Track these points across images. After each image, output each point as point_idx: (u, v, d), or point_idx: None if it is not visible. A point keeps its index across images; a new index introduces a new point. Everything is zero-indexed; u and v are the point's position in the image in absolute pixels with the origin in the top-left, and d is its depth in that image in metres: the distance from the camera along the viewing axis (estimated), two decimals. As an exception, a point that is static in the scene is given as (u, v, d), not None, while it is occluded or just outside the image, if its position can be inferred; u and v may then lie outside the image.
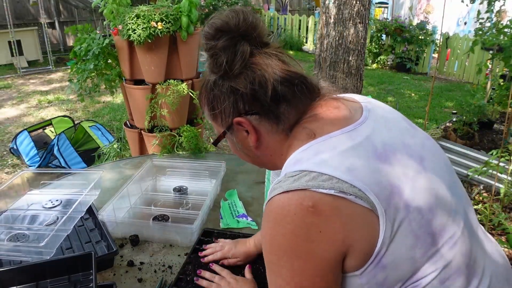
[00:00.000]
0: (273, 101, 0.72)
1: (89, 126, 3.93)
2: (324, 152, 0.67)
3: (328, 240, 0.63)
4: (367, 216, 0.63)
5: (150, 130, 2.42)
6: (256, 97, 0.72)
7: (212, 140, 4.02)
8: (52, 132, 3.98)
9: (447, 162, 0.79)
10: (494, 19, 3.86)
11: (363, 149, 0.68)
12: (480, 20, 3.91)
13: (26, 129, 3.91)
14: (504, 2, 3.80)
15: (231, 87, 0.73)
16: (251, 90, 0.72)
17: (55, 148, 3.50)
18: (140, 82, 2.41)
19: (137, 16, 2.14)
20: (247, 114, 0.75)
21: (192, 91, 2.36)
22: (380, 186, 0.64)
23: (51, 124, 4.04)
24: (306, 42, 10.37)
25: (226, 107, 0.75)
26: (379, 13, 10.99)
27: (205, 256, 1.16)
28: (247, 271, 1.09)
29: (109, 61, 2.43)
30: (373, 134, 0.71)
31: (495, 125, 4.20)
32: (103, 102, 5.66)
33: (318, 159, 0.66)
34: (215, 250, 1.16)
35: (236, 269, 1.12)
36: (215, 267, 1.10)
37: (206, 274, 1.08)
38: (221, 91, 0.75)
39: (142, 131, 2.50)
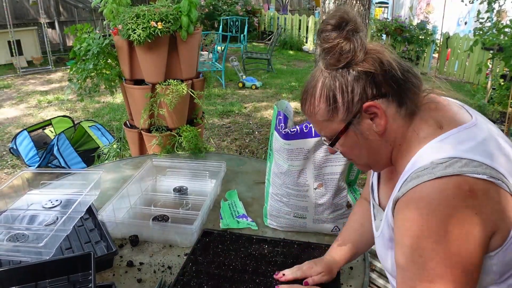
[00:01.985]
0: (401, 81, 0.76)
1: (88, 126, 3.93)
2: (466, 141, 0.71)
3: (484, 221, 0.66)
4: (509, 198, 0.68)
5: (148, 130, 2.41)
6: (387, 77, 0.75)
7: (212, 140, 3.97)
8: (52, 132, 3.98)
9: None
10: (494, 19, 3.86)
11: (493, 142, 0.73)
12: (480, 20, 3.91)
13: (25, 129, 3.90)
14: (504, 2, 3.79)
15: (361, 72, 0.75)
16: (382, 71, 0.75)
17: (55, 148, 3.50)
18: (140, 82, 2.41)
19: (137, 16, 2.14)
20: (376, 98, 0.76)
21: (192, 91, 2.36)
22: None
23: (50, 124, 4.04)
24: (306, 42, 10.37)
25: (354, 94, 0.76)
26: (379, 13, 10.98)
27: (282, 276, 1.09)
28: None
29: (109, 61, 2.43)
30: (491, 132, 0.76)
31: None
32: (103, 102, 5.66)
33: (464, 147, 0.70)
34: (294, 274, 1.08)
35: None
36: (282, 286, 1.04)
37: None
38: (347, 79, 0.76)
39: (142, 131, 2.49)
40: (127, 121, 2.69)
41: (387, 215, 0.80)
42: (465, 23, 9.76)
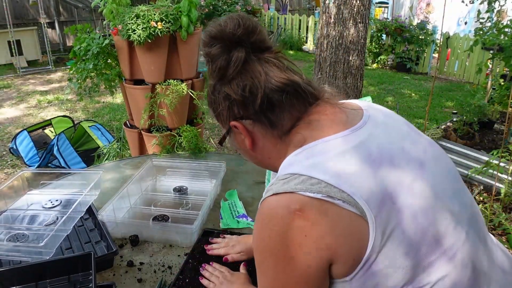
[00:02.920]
0: (263, 107, 0.73)
1: (88, 126, 3.93)
2: (316, 156, 0.68)
3: (313, 245, 0.62)
4: (355, 221, 0.62)
5: (148, 130, 2.41)
6: (246, 103, 0.74)
7: (212, 140, 4.00)
8: (52, 132, 3.97)
9: (451, 169, 0.77)
10: (495, 19, 3.86)
11: (356, 154, 0.67)
12: (481, 20, 3.91)
13: (25, 129, 3.90)
14: (504, 2, 3.79)
15: (225, 93, 0.76)
16: (241, 97, 0.74)
17: (55, 148, 3.50)
18: (140, 82, 2.41)
19: (137, 16, 2.14)
20: (241, 119, 0.77)
21: (192, 91, 2.36)
22: (371, 191, 0.63)
23: (50, 124, 4.04)
24: (306, 42, 10.37)
25: (222, 110, 0.78)
26: (379, 13, 10.98)
27: (211, 249, 1.20)
28: (242, 267, 1.12)
29: (109, 61, 2.43)
30: (370, 139, 0.70)
31: (495, 125, 4.20)
32: (103, 102, 5.66)
33: (309, 162, 0.67)
34: (219, 246, 1.20)
35: (237, 268, 1.12)
36: (215, 264, 1.13)
37: (209, 268, 1.12)
38: (217, 96, 0.78)
39: (142, 131, 2.49)
40: (127, 121, 2.69)
41: None
42: (465, 23, 9.76)
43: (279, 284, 0.67)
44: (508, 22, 3.65)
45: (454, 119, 4.15)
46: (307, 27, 10.23)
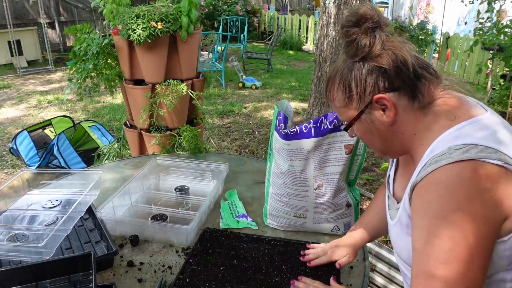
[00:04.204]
0: (413, 78, 0.80)
1: (88, 126, 3.93)
2: (481, 130, 0.75)
3: (498, 204, 0.69)
4: None
5: (147, 130, 2.41)
6: (399, 73, 0.80)
7: (212, 140, 3.97)
8: (52, 132, 3.97)
9: None
10: (494, 19, 3.86)
11: (506, 133, 0.76)
12: (480, 20, 3.91)
13: (25, 129, 3.90)
14: (504, 2, 3.79)
15: (374, 66, 0.81)
16: (394, 67, 0.79)
17: (55, 148, 3.50)
18: (140, 82, 2.41)
19: (137, 16, 2.14)
20: (387, 91, 0.81)
21: (192, 91, 2.36)
22: None
23: (50, 124, 4.04)
24: (306, 42, 10.37)
25: (367, 85, 0.82)
26: (379, 13, 10.96)
27: (310, 260, 1.15)
28: (332, 281, 1.06)
29: (109, 61, 2.43)
30: (503, 122, 0.79)
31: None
32: (103, 102, 5.66)
33: (479, 135, 0.74)
34: (317, 255, 1.15)
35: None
36: (305, 279, 1.06)
37: (300, 285, 1.05)
38: (361, 72, 0.82)
39: (142, 131, 2.49)
40: (127, 121, 2.69)
41: (404, 202, 0.84)
42: (465, 23, 9.76)
43: (467, 243, 0.69)
44: (508, 22, 3.65)
45: (454, 119, 4.13)
46: (307, 27, 10.23)
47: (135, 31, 2.11)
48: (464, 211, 0.69)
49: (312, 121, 1.22)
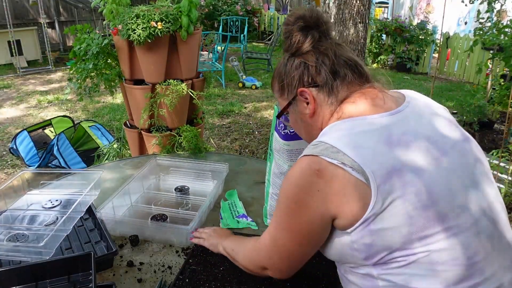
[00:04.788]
0: (331, 75, 0.88)
1: (88, 126, 3.93)
2: (342, 131, 0.82)
3: (323, 199, 0.78)
4: (360, 187, 0.75)
5: (148, 130, 2.41)
6: (320, 70, 0.88)
7: (212, 140, 3.99)
8: (52, 132, 3.97)
9: (480, 170, 0.84)
10: (494, 19, 3.86)
11: (375, 135, 0.79)
12: (480, 20, 3.91)
13: (25, 129, 3.90)
14: (504, 2, 3.79)
15: (301, 61, 0.90)
16: (316, 64, 0.89)
17: (55, 148, 3.50)
18: (140, 82, 2.41)
19: (137, 16, 2.14)
20: (309, 85, 0.90)
21: (192, 91, 2.36)
22: (379, 165, 0.75)
23: (50, 124, 4.04)
24: (306, 42, 10.34)
25: (294, 78, 0.92)
26: (379, 13, 10.98)
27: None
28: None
29: (109, 61, 2.43)
30: (398, 124, 0.82)
31: (495, 125, 4.20)
32: (103, 102, 5.66)
33: (336, 135, 0.81)
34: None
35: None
36: (200, 228, 1.27)
37: (199, 229, 1.26)
38: (291, 65, 0.92)
39: (142, 131, 2.49)
40: (127, 121, 2.69)
41: None
42: (465, 23, 9.76)
43: (287, 224, 0.85)
44: (508, 22, 3.65)
45: (454, 119, 4.13)
46: (307, 27, 10.20)
47: (135, 31, 2.11)
48: (292, 194, 0.82)
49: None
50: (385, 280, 0.78)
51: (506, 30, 3.66)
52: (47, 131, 4.03)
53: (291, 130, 1.22)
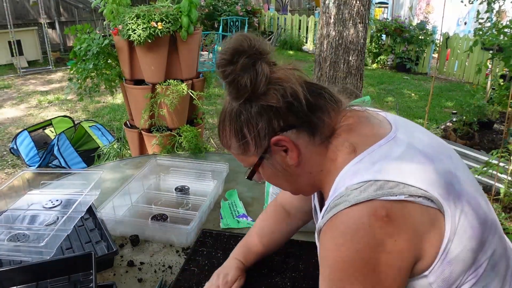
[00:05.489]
0: (308, 111, 0.72)
1: (89, 126, 3.93)
2: (380, 161, 0.68)
3: (403, 248, 0.63)
4: (434, 215, 0.64)
5: (148, 130, 2.42)
6: (292, 109, 0.71)
7: (212, 140, 3.97)
8: (52, 132, 3.98)
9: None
10: (494, 19, 3.86)
11: (412, 154, 0.69)
12: (480, 20, 3.91)
13: (26, 129, 3.91)
14: (504, 2, 3.80)
15: (262, 106, 0.72)
16: (285, 103, 0.71)
17: (55, 148, 3.50)
18: (140, 82, 2.41)
19: (137, 16, 2.14)
20: (283, 130, 0.73)
21: (192, 91, 2.36)
22: (439, 184, 0.66)
23: (51, 124, 4.04)
24: (306, 42, 10.37)
25: (260, 129, 0.73)
26: (379, 13, 10.99)
27: None
28: None
29: (109, 61, 2.43)
30: (412, 139, 0.73)
31: (495, 125, 4.20)
32: (103, 102, 5.67)
33: (377, 167, 0.67)
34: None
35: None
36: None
37: None
38: (250, 114, 0.73)
39: (142, 131, 2.50)
40: (127, 121, 2.70)
41: (317, 245, 0.76)
42: (465, 23, 9.76)
43: None
44: (508, 22, 3.66)
45: (454, 119, 4.15)
46: (307, 27, 10.23)
47: (135, 31, 2.12)
48: (365, 261, 0.63)
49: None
50: None
51: (506, 30, 3.66)
52: (47, 131, 4.04)
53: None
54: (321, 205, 0.88)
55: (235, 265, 1.07)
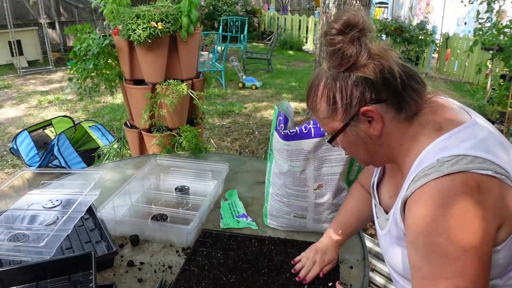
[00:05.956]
0: (401, 88, 0.77)
1: (89, 126, 3.93)
2: (468, 140, 0.74)
3: (491, 216, 0.69)
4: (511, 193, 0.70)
5: (149, 130, 2.42)
6: (386, 84, 0.77)
7: (212, 140, 3.96)
8: (52, 132, 3.98)
9: None
10: (494, 19, 3.86)
11: (493, 139, 0.76)
12: (480, 20, 3.91)
13: (26, 129, 3.91)
14: (504, 2, 3.80)
15: (360, 77, 0.77)
16: (381, 78, 0.76)
17: (55, 148, 3.50)
18: (140, 82, 2.41)
19: (137, 16, 2.14)
20: (374, 103, 0.78)
21: (192, 91, 2.36)
22: None
23: (51, 124, 4.04)
24: (306, 42, 10.37)
25: (353, 97, 0.78)
26: (379, 13, 10.99)
27: (301, 276, 1.10)
28: (338, 286, 1.07)
29: (109, 61, 2.43)
30: (490, 128, 0.79)
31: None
32: (103, 102, 5.66)
33: (467, 145, 0.73)
34: (309, 267, 1.11)
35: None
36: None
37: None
38: (347, 83, 0.78)
39: (142, 131, 2.49)
40: (127, 121, 2.69)
41: (395, 215, 0.82)
42: (465, 23, 9.76)
43: (466, 257, 0.68)
44: (508, 22, 3.66)
45: (454, 119, 4.13)
46: (307, 27, 10.23)
47: (135, 31, 2.11)
48: (459, 226, 0.68)
49: (312, 121, 1.22)
50: (509, 286, 0.76)
51: (506, 30, 3.66)
52: (47, 131, 4.03)
53: (291, 131, 1.22)
54: (381, 180, 0.98)
55: (334, 246, 1.14)
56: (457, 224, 0.68)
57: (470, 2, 4.00)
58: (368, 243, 1.82)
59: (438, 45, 8.11)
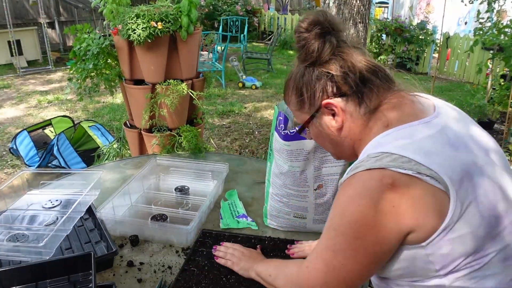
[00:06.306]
0: (360, 83, 0.82)
1: (88, 126, 3.93)
2: (404, 139, 0.76)
3: (398, 215, 0.71)
4: (438, 195, 0.71)
5: (149, 130, 2.41)
6: (346, 79, 0.82)
7: (212, 140, 3.98)
8: (52, 132, 3.97)
9: (506, 162, 0.85)
10: (494, 19, 3.86)
11: (438, 138, 0.76)
12: (480, 20, 3.91)
13: (25, 129, 3.90)
14: (504, 2, 3.79)
15: (322, 72, 0.84)
16: (342, 73, 0.82)
17: (55, 148, 3.50)
18: (140, 82, 2.41)
19: (137, 16, 2.14)
20: (335, 96, 0.84)
21: (192, 91, 2.36)
22: (453, 170, 0.72)
23: (50, 124, 4.04)
24: (306, 42, 10.34)
25: (316, 90, 0.85)
26: (379, 13, 10.99)
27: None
28: (258, 249, 1.17)
29: (109, 61, 2.43)
30: (446, 126, 0.79)
31: (495, 125, 4.20)
32: (103, 102, 5.66)
33: (399, 143, 0.75)
34: (302, 249, 1.20)
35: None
36: (226, 243, 1.19)
37: (221, 248, 1.17)
38: (311, 77, 0.85)
39: (142, 131, 2.49)
40: (127, 121, 2.69)
41: None
42: (465, 23, 9.76)
43: (350, 247, 0.75)
44: (508, 22, 3.65)
45: (454, 119, 4.13)
46: (307, 27, 10.20)
47: (135, 31, 2.11)
48: (362, 217, 0.73)
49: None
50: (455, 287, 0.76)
51: (506, 30, 3.66)
52: (47, 131, 4.03)
53: (291, 131, 1.22)
54: None
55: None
56: (361, 215, 0.73)
57: (471, 2, 4.00)
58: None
59: (438, 45, 8.11)
